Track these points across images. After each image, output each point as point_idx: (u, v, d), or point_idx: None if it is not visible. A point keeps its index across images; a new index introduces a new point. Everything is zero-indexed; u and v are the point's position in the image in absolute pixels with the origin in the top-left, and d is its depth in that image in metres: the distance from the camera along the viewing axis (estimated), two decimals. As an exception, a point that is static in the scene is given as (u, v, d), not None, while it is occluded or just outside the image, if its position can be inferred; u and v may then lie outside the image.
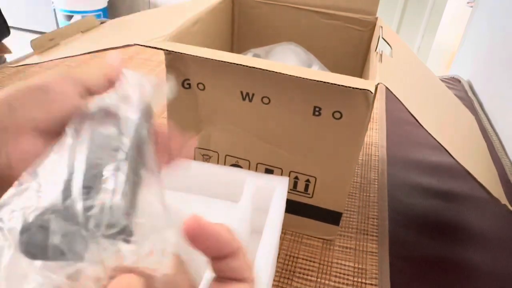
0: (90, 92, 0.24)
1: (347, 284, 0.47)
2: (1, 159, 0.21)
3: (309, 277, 0.47)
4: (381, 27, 0.56)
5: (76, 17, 2.47)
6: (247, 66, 0.39)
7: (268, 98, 0.44)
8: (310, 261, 0.50)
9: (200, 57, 0.41)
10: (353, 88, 0.37)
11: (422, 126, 0.39)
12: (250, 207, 0.39)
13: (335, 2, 0.62)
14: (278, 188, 0.41)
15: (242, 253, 0.18)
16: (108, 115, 0.22)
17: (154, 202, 0.18)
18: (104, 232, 0.16)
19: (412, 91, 0.47)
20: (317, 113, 0.43)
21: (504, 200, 0.48)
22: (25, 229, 0.16)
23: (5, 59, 1.32)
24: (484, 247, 0.55)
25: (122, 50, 1.03)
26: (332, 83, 0.38)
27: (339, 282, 0.47)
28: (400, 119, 0.83)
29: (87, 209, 0.16)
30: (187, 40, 0.50)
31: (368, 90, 0.37)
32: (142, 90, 0.23)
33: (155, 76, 0.25)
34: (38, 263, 0.15)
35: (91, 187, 0.17)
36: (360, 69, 0.66)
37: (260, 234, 0.36)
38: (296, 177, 0.49)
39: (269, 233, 0.36)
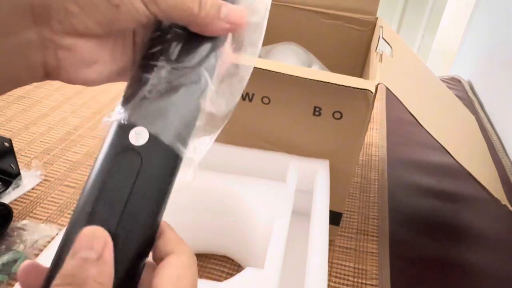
0: None
1: (347, 285, 0.47)
2: (50, 59, 0.20)
3: (309, 278, 0.47)
4: (381, 27, 0.56)
5: (76, 17, 2.46)
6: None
7: (268, 98, 0.44)
8: (310, 261, 0.49)
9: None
10: (353, 88, 0.37)
11: (422, 126, 0.39)
12: (294, 187, 0.42)
13: (335, 2, 0.62)
14: (320, 170, 0.44)
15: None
16: None
17: None
18: None
19: (412, 91, 0.47)
20: (317, 113, 0.43)
21: (504, 200, 0.48)
22: None
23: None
24: (484, 248, 0.55)
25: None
26: (332, 83, 0.37)
27: (339, 283, 0.47)
28: (400, 119, 0.83)
29: None
30: (187, 40, 0.49)
31: (368, 90, 0.37)
32: None
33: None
34: None
35: None
36: (360, 69, 0.66)
37: (300, 215, 0.41)
38: (296, 177, 0.49)
39: (320, 212, 0.39)
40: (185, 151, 0.20)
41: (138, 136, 0.19)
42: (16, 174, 0.57)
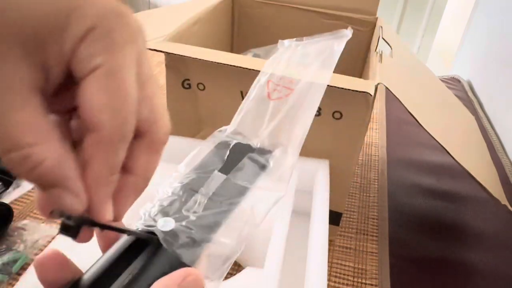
0: None
1: (347, 284, 0.47)
2: None
3: (309, 277, 0.47)
4: (381, 27, 0.56)
5: (76, 17, 2.46)
6: (246, 68, 0.39)
7: (268, 98, 0.44)
8: (310, 261, 0.50)
9: (200, 59, 0.41)
10: (353, 90, 0.37)
11: (422, 126, 0.39)
12: (295, 187, 0.42)
13: (335, 2, 0.62)
14: (320, 170, 0.44)
15: None
16: None
17: None
18: None
19: (412, 91, 0.47)
20: (317, 113, 0.43)
21: (504, 200, 0.48)
22: None
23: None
24: (484, 247, 0.55)
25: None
26: (331, 86, 0.37)
27: (339, 283, 0.47)
28: (400, 119, 0.83)
29: None
30: (187, 40, 0.50)
31: (367, 92, 0.37)
32: None
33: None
34: None
35: None
36: (360, 69, 0.66)
37: (300, 215, 0.41)
38: (296, 177, 0.49)
39: (320, 212, 0.39)
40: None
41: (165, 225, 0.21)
42: (17, 174, 0.57)
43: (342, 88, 0.37)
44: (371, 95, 0.37)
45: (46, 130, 0.15)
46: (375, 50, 0.49)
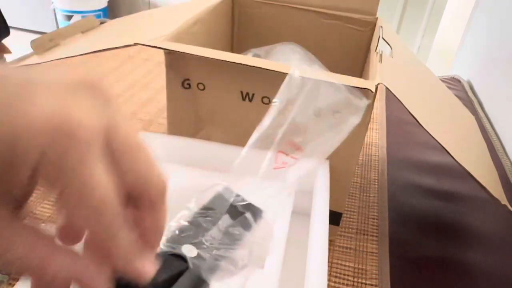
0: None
1: (347, 285, 0.47)
2: None
3: (309, 277, 0.47)
4: (381, 27, 0.56)
5: (76, 17, 2.47)
6: (247, 65, 0.39)
7: (268, 98, 0.44)
8: (310, 261, 0.49)
9: (200, 56, 0.41)
10: (352, 87, 0.37)
11: (422, 126, 0.39)
12: (295, 188, 0.42)
13: (335, 2, 0.62)
14: (320, 170, 0.44)
15: None
16: None
17: None
18: None
19: (412, 91, 0.47)
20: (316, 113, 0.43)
21: (504, 200, 0.48)
22: None
23: (5, 59, 1.32)
24: (484, 248, 0.55)
25: (122, 50, 1.04)
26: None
27: (339, 283, 0.47)
28: (400, 119, 0.83)
29: None
30: (187, 40, 0.50)
31: (368, 89, 0.37)
32: None
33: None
34: None
35: None
36: (360, 69, 0.66)
37: (300, 215, 0.42)
38: (296, 177, 0.49)
39: (320, 212, 0.39)
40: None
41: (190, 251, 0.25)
42: (16, 174, 0.57)
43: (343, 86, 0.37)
44: (372, 91, 0.37)
45: (44, 244, 0.16)
46: (375, 50, 0.49)
